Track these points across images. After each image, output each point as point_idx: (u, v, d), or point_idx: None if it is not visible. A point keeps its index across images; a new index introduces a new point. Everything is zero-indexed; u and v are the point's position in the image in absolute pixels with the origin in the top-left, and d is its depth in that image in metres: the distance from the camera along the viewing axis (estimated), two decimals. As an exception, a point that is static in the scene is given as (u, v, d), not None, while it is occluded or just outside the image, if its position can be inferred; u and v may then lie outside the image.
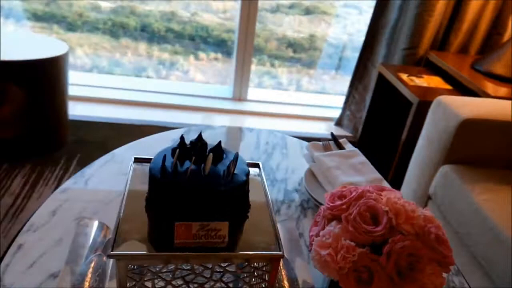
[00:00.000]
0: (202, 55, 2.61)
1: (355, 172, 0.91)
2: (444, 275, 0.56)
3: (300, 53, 2.68)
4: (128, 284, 0.49)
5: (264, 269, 0.53)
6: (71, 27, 2.44)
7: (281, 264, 0.72)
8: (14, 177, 1.74)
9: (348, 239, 0.55)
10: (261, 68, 2.67)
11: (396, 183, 1.61)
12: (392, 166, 1.87)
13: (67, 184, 0.83)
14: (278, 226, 0.78)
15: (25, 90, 1.72)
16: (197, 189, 0.50)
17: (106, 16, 2.44)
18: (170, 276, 0.51)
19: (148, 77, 2.57)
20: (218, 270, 0.53)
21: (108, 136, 2.04)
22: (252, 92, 2.53)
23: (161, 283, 0.51)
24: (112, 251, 0.47)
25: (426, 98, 1.60)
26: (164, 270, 0.51)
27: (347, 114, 2.47)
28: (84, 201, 0.78)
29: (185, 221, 0.50)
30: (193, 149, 0.56)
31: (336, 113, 2.49)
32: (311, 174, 0.93)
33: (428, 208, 1.22)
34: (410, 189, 1.47)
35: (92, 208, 0.75)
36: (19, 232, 0.70)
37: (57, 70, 1.75)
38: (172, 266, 0.51)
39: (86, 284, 0.58)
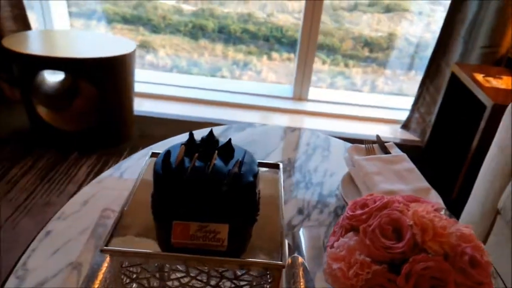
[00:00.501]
0: (275, 55, 2.61)
1: (399, 179, 0.83)
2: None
3: (377, 53, 2.57)
4: (124, 281, 0.49)
5: (264, 278, 0.49)
6: (155, 29, 2.58)
7: (300, 274, 0.68)
8: (81, 166, 1.86)
9: (363, 254, 0.49)
10: (334, 68, 2.61)
11: (463, 195, 1.46)
12: (459, 175, 1.70)
13: (103, 175, 0.85)
14: (303, 232, 0.73)
15: (95, 86, 1.84)
16: (197, 187, 0.47)
17: (187, 18, 2.55)
18: (166, 276, 0.50)
19: (222, 77, 2.63)
20: (214, 275, 0.50)
21: (170, 131, 2.11)
22: (314, 92, 2.47)
23: (157, 283, 0.50)
24: (105, 246, 0.46)
25: (502, 101, 1.43)
26: (158, 270, 0.49)
27: (415, 116, 2.31)
28: (115, 193, 0.79)
29: (184, 220, 0.48)
30: (202, 146, 0.53)
31: (404, 116, 2.33)
32: (349, 179, 0.86)
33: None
34: (477, 202, 1.32)
35: (121, 200, 0.76)
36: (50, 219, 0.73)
37: (125, 67, 1.84)
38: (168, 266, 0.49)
39: (100, 275, 0.58)
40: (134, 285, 0.50)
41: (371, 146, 0.91)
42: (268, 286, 0.49)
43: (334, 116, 2.39)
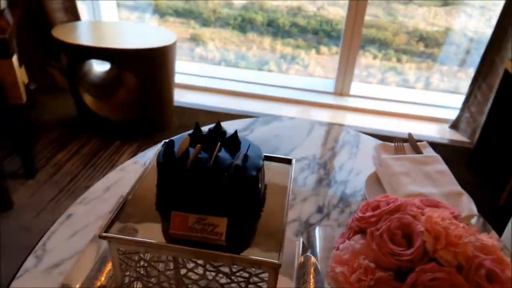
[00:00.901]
0: (323, 49, 2.58)
1: (429, 181, 0.78)
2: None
3: (433, 48, 2.45)
4: (122, 267, 0.49)
5: (260, 276, 0.47)
6: (205, 22, 2.64)
7: (311, 274, 0.65)
8: (122, 154, 1.93)
9: (369, 259, 0.46)
10: (386, 63, 2.52)
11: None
12: (509, 180, 1.58)
13: (128, 162, 0.87)
14: (318, 231, 0.71)
15: (137, 77, 1.89)
16: (198, 178, 0.47)
17: (237, 12, 2.58)
18: (163, 266, 0.49)
19: (269, 70, 2.63)
20: (210, 269, 0.49)
21: (207, 122, 2.14)
22: (357, 87, 2.39)
23: (155, 272, 0.50)
24: (104, 232, 0.46)
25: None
26: (156, 260, 0.49)
27: (465, 116, 2.18)
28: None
29: (183, 212, 0.47)
30: (208, 137, 0.52)
31: (454, 115, 2.21)
32: (375, 179, 0.82)
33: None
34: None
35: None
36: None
37: (165, 58, 1.88)
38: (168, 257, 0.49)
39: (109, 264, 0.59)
40: (133, 272, 0.50)
41: (401, 145, 0.86)
42: (265, 285, 0.47)
43: (377, 113, 2.30)
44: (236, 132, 0.53)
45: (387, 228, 0.47)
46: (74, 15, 2.15)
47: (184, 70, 2.46)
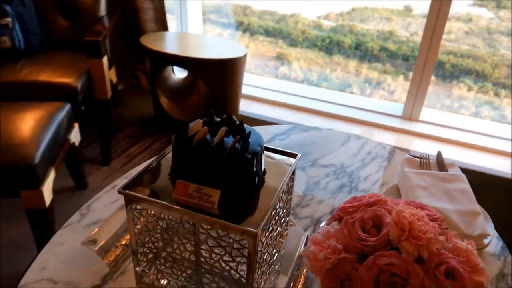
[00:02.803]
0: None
1: (447, 198, 0.78)
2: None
3: None
4: (134, 221, 0.59)
5: (241, 243, 0.54)
6: (293, 42, 2.75)
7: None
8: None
9: (338, 242, 0.51)
10: (482, 96, 2.43)
11: None
12: None
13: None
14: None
15: (209, 84, 2.06)
16: (199, 155, 0.55)
17: (325, 34, 2.64)
18: (165, 225, 0.58)
19: (351, 93, 2.65)
20: (203, 232, 0.56)
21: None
22: (427, 113, 2.33)
23: (158, 229, 0.59)
24: (122, 189, 0.57)
25: None
26: (162, 217, 0.58)
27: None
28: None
29: (185, 180, 0.56)
30: (220, 124, 0.61)
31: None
32: (395, 190, 0.84)
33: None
34: None
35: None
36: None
37: (234, 69, 2.02)
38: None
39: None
40: (140, 226, 0.59)
41: (427, 161, 0.87)
42: (246, 251, 0.54)
43: (445, 141, 2.22)
44: (241, 121, 0.60)
45: (360, 218, 0.52)
46: (163, 26, 2.40)
47: (258, 83, 2.59)
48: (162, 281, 0.63)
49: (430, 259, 0.47)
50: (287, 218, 0.73)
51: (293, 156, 0.68)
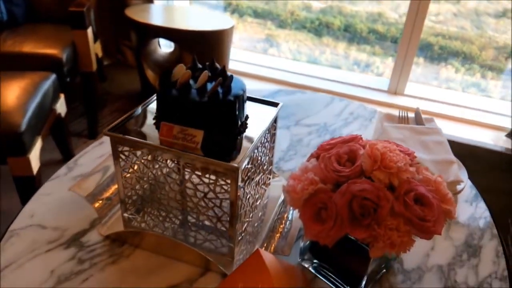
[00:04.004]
0: None
1: (424, 149, 0.81)
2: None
3: None
4: (121, 164, 0.60)
5: (224, 179, 0.56)
6: (282, 24, 2.72)
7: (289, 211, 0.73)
8: (174, 127, 2.09)
9: (316, 175, 0.53)
10: (469, 78, 2.45)
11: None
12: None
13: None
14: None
15: (193, 57, 2.05)
16: (182, 97, 0.57)
17: (314, 15, 2.62)
18: (151, 165, 0.60)
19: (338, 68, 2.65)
20: (188, 171, 0.59)
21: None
22: (412, 88, 2.37)
23: (144, 170, 0.61)
24: (108, 131, 0.58)
25: None
26: (145, 158, 0.60)
27: (524, 125, 2.08)
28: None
29: (169, 122, 0.58)
30: (203, 70, 0.63)
31: None
32: (374, 143, 0.87)
33: None
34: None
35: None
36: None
37: (221, 42, 2.02)
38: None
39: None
40: (128, 170, 0.61)
41: (405, 116, 0.90)
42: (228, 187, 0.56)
43: (429, 113, 2.26)
44: (224, 66, 0.62)
45: (336, 153, 0.54)
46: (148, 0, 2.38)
47: (246, 59, 2.59)
48: (149, 224, 0.65)
49: (400, 187, 0.50)
50: (270, 167, 0.75)
51: (275, 105, 0.70)
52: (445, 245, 0.69)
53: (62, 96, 1.60)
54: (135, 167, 0.62)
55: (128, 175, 0.62)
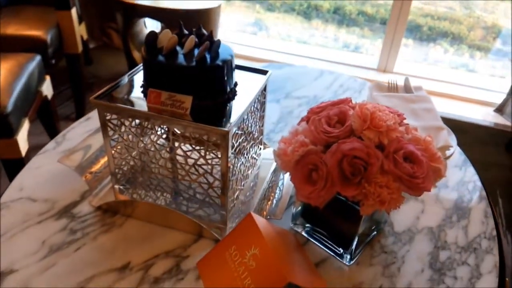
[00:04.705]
0: None
1: (413, 116, 0.81)
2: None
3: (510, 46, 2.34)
4: (109, 133, 0.60)
5: (215, 147, 0.56)
6: (270, 7, 2.68)
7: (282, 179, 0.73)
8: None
9: (306, 138, 0.53)
10: (458, 58, 2.45)
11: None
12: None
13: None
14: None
15: (179, 23, 2.02)
16: (170, 63, 0.56)
17: None
18: (139, 132, 0.60)
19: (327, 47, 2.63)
20: (177, 139, 0.58)
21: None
22: (401, 66, 2.37)
23: (132, 137, 0.60)
24: (94, 99, 0.57)
25: None
26: (134, 126, 0.59)
27: None
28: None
29: (158, 89, 0.57)
30: (189, 35, 0.62)
31: (501, 99, 2.15)
32: (364, 112, 0.87)
33: None
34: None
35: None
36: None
37: (209, 21, 1.99)
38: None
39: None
40: (116, 136, 0.61)
41: (395, 85, 0.90)
42: (219, 153, 0.56)
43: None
44: (211, 32, 0.61)
45: (326, 115, 0.54)
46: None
47: (233, 40, 2.56)
48: (141, 194, 0.65)
49: (390, 145, 0.50)
50: (261, 137, 0.75)
51: (264, 73, 0.70)
52: (435, 208, 0.69)
53: (48, 78, 1.58)
54: (124, 137, 0.61)
55: (118, 146, 0.62)
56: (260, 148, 0.76)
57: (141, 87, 0.61)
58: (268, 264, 0.49)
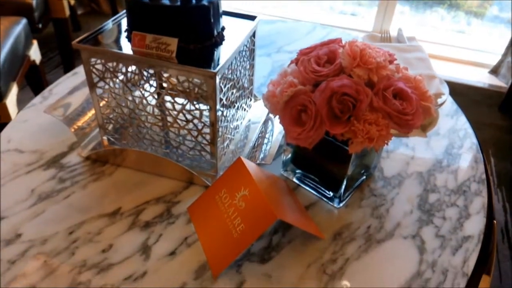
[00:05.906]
0: None
1: (406, 65, 0.80)
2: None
3: (508, 13, 2.29)
4: (94, 79, 0.59)
5: (203, 88, 0.55)
6: None
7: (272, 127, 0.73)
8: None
9: (295, 79, 0.52)
10: (454, 26, 2.40)
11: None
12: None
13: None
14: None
15: None
16: (152, 3, 0.54)
17: None
18: (124, 78, 0.59)
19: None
20: (164, 82, 0.57)
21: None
22: (396, 28, 2.33)
23: (118, 83, 0.59)
24: (78, 42, 0.56)
25: None
26: (120, 70, 0.58)
27: (507, 61, 2.08)
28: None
29: (142, 32, 0.55)
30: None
31: (496, 60, 2.13)
32: (356, 64, 0.85)
33: None
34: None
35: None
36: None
37: None
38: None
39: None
40: (102, 84, 0.59)
41: (388, 36, 0.88)
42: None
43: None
44: (198, -26, 0.59)
45: (315, 54, 0.53)
46: None
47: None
48: (130, 143, 0.65)
49: (380, 82, 0.49)
50: (251, 87, 0.74)
51: (253, 18, 0.68)
52: (425, 154, 0.70)
53: (35, 42, 1.54)
54: (111, 84, 0.60)
55: (105, 94, 0.61)
56: (251, 99, 0.75)
57: (125, 31, 0.59)
58: (257, 203, 0.49)
